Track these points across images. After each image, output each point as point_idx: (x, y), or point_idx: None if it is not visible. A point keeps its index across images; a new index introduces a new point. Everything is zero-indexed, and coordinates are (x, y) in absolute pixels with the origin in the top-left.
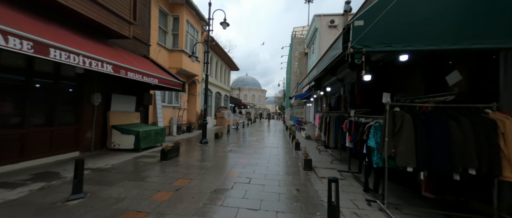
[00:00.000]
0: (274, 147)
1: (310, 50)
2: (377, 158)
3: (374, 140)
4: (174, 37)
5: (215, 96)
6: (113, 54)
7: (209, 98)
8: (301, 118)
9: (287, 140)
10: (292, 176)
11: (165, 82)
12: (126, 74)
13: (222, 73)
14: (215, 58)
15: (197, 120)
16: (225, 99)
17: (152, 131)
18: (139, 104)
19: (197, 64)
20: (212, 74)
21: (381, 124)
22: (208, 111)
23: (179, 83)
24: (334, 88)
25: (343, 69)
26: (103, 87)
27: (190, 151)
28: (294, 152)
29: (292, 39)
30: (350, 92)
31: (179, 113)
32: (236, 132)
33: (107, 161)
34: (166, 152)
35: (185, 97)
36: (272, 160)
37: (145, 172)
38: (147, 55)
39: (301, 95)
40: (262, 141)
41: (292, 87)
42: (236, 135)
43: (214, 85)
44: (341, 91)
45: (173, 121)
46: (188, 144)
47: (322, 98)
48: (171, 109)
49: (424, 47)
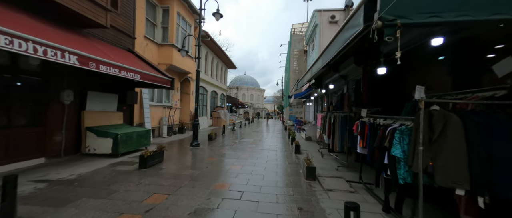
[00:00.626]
0: (272, 150)
1: (310, 48)
2: (404, 171)
3: (400, 148)
4: (164, 31)
5: (211, 95)
6: (84, 44)
7: (204, 97)
8: (301, 117)
9: (286, 141)
10: (292, 188)
11: (150, 78)
12: (97, 67)
13: (218, 71)
14: (211, 56)
15: (191, 120)
16: (222, 99)
17: (135, 133)
18: (121, 103)
19: (190, 61)
20: (208, 72)
21: (409, 127)
22: (203, 110)
23: (167, 80)
24: (336, 86)
25: (347, 65)
26: (76, 83)
27: (177, 156)
28: (294, 155)
29: (291, 37)
30: (355, 90)
31: (170, 112)
32: (232, 132)
33: (74, 169)
34: (146, 159)
35: (177, 96)
36: (269, 167)
37: (115, 184)
38: (131, 49)
39: (301, 94)
40: (259, 142)
41: (291, 86)
42: (232, 136)
43: (210, 83)
44: (344, 89)
45: (163, 121)
46: (177, 147)
47: (322, 97)
48: (161, 108)
49: (489, 17)
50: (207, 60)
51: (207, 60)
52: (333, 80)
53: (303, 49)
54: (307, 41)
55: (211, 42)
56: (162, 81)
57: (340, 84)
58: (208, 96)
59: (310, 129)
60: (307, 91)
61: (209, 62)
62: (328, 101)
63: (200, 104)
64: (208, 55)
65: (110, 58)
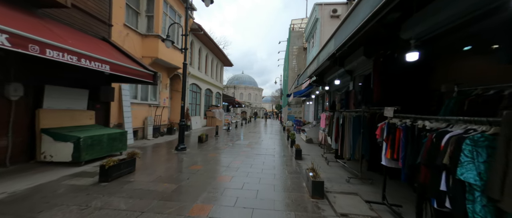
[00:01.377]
0: (269, 154)
1: (309, 45)
2: (482, 207)
3: (474, 169)
4: (148, 20)
5: (205, 94)
6: (30, 24)
7: (197, 95)
8: (300, 117)
9: (285, 144)
10: (295, 213)
11: (124, 70)
12: (42, 52)
13: (214, 68)
14: (205, 51)
15: None
16: (217, 97)
17: (105, 135)
18: (94, 101)
19: (180, 55)
20: (201, 69)
21: (488, 134)
22: (196, 109)
23: (148, 74)
24: (340, 83)
25: (354, 57)
26: (28, 75)
27: (155, 163)
28: (295, 162)
29: (290, 33)
30: (363, 86)
31: (156, 111)
32: (227, 133)
33: (12, 184)
34: (107, 170)
35: (166, 94)
36: (265, 178)
37: (51, 209)
38: (107, 37)
39: (301, 92)
40: (255, 145)
41: (290, 85)
42: (226, 137)
43: (204, 81)
44: (350, 85)
45: (148, 121)
46: (159, 151)
47: (324, 96)
48: (146, 107)
49: None
50: (201, 56)
51: (201, 56)
52: (336, 76)
53: (302, 46)
54: (306, 38)
55: (204, 36)
56: (140, 74)
57: (345, 81)
58: (202, 94)
59: (311, 130)
60: (307, 89)
61: (203, 59)
62: (330, 100)
63: (193, 103)
64: (202, 51)
65: (67, 43)
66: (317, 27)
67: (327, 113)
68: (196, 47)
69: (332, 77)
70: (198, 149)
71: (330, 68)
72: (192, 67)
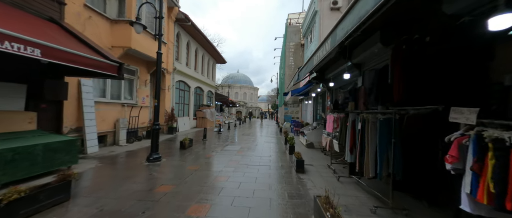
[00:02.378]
0: (263, 164)
1: (307, 40)
2: None
3: None
4: (120, 4)
5: (195, 92)
6: None
7: (185, 94)
8: (297, 117)
9: (282, 149)
10: None
11: (70, 59)
12: None
13: (205, 65)
14: (194, 46)
15: (167, 122)
16: (209, 96)
17: (39, 146)
18: (36, 99)
19: (163, 48)
20: (190, 64)
21: None
22: (184, 109)
23: (109, 65)
24: (344, 80)
25: (366, 47)
26: None
27: (108, 183)
28: (296, 176)
29: (287, 28)
30: (376, 82)
31: (132, 112)
32: (218, 135)
33: None
34: (7, 207)
35: (146, 92)
36: (258, 206)
37: None
38: (57, 19)
39: (299, 90)
40: (247, 151)
41: (287, 83)
42: (216, 140)
43: (193, 78)
44: (358, 82)
45: (121, 124)
46: (126, 162)
47: (325, 94)
48: (118, 106)
49: None
50: (190, 51)
51: (189, 51)
52: (341, 71)
53: (299, 43)
54: (304, 33)
55: (193, 29)
56: (99, 65)
57: (351, 77)
58: (191, 93)
59: (312, 133)
60: (306, 87)
61: (192, 54)
62: (332, 99)
63: (181, 103)
64: (190, 45)
65: None
66: (315, 20)
67: (335, 114)
68: (183, 41)
69: (336, 72)
70: (177, 158)
71: (334, 62)
72: (179, 63)
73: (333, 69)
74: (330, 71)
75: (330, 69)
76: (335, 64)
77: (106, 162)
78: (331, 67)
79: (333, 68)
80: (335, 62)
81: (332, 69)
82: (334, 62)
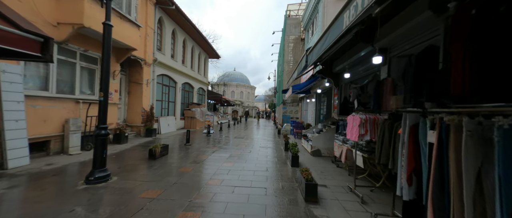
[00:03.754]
0: (257, 185)
1: (308, 34)
2: None
3: None
4: None
5: (183, 89)
6: None
7: (171, 90)
8: (296, 118)
9: (282, 157)
10: None
11: None
12: None
13: (195, 59)
14: (181, 36)
15: (144, 122)
16: (201, 94)
17: None
18: None
19: (134, 31)
20: (177, 57)
21: None
22: (170, 108)
23: (26, 40)
24: (358, 73)
25: (398, 23)
26: None
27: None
28: (305, 210)
29: (286, 21)
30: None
31: (88, 110)
32: (206, 139)
33: None
34: None
35: (114, 86)
36: None
37: None
38: None
39: (301, 86)
40: (237, 162)
41: (286, 81)
42: (200, 146)
43: (180, 72)
44: (382, 72)
45: (71, 125)
46: (54, 183)
47: (331, 91)
48: (69, 103)
49: None
50: (176, 41)
51: (176, 42)
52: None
53: (299, 37)
54: (305, 26)
55: (179, 15)
56: (9, 38)
57: (368, 68)
58: (178, 89)
59: (318, 138)
60: (309, 82)
61: (179, 45)
62: (341, 96)
63: (164, 100)
64: (177, 35)
65: None
66: (318, 9)
67: (363, 114)
68: (167, 28)
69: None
70: (135, 176)
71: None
72: (162, 54)
73: (345, 59)
74: (341, 62)
75: (339, 61)
76: (344, 55)
77: (24, 183)
78: (342, 58)
79: (344, 58)
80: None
81: (343, 59)
82: (344, 52)
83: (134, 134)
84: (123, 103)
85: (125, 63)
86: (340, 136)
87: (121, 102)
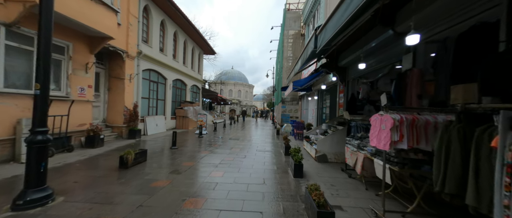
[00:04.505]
0: (251, 208)
1: (309, 29)
2: None
3: None
4: None
5: (174, 86)
6: None
7: (160, 87)
8: (296, 117)
9: (281, 164)
10: None
11: None
12: None
13: (188, 54)
14: (172, 28)
15: (127, 122)
16: (195, 92)
17: None
18: None
19: (112, 17)
20: (166, 51)
21: None
22: (159, 106)
23: None
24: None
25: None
26: None
27: None
28: None
29: (285, 14)
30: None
31: (49, 108)
32: (198, 141)
33: None
34: None
35: (88, 80)
36: None
37: None
38: None
39: (303, 82)
40: (228, 172)
41: (284, 78)
42: (188, 150)
43: (171, 68)
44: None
45: (25, 126)
46: None
47: (337, 87)
48: (24, 99)
49: None
50: (166, 34)
51: (166, 35)
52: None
53: (299, 32)
54: (305, 20)
55: (166, 2)
56: None
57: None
58: (168, 86)
59: (324, 141)
60: (312, 77)
61: (169, 38)
62: (348, 93)
63: (152, 98)
64: (166, 26)
65: None
66: (320, 1)
67: (396, 114)
68: (155, 19)
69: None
70: (90, 195)
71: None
72: (149, 47)
73: (354, 49)
74: (348, 54)
75: (347, 52)
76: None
77: None
78: (349, 49)
79: (354, 48)
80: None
81: (351, 50)
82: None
83: (115, 135)
84: (102, 101)
85: (104, 56)
86: (353, 139)
87: (100, 100)
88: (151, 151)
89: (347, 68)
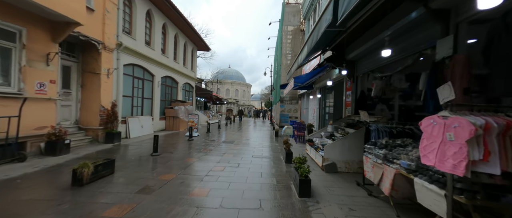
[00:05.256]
0: None
1: (309, 24)
2: None
3: None
4: None
5: (163, 84)
6: None
7: (147, 84)
8: (296, 117)
9: (282, 176)
10: None
11: None
12: None
13: (179, 49)
14: (160, 20)
15: (103, 124)
16: (187, 90)
17: None
18: None
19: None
20: (153, 45)
21: None
22: (146, 106)
23: None
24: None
25: None
26: None
27: None
28: None
29: (284, 8)
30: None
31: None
32: (187, 145)
33: None
34: None
35: (49, 74)
36: None
37: None
38: None
39: (305, 79)
40: (215, 189)
41: (283, 76)
42: (172, 158)
43: (159, 63)
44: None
45: None
46: None
47: (343, 84)
48: None
49: None
50: (153, 26)
51: (153, 27)
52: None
53: (299, 27)
54: (305, 14)
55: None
56: None
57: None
58: (156, 84)
59: (333, 147)
60: (315, 73)
61: (157, 31)
62: (357, 91)
63: (137, 96)
64: (153, 18)
65: None
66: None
67: (496, 118)
68: (139, 8)
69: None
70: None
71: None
72: (132, 39)
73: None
74: (360, 43)
75: (358, 42)
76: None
77: None
78: (360, 39)
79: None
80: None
81: (364, 39)
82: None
83: (89, 139)
84: (73, 100)
85: (76, 47)
86: (376, 148)
87: (71, 98)
88: (126, 160)
89: (356, 62)
